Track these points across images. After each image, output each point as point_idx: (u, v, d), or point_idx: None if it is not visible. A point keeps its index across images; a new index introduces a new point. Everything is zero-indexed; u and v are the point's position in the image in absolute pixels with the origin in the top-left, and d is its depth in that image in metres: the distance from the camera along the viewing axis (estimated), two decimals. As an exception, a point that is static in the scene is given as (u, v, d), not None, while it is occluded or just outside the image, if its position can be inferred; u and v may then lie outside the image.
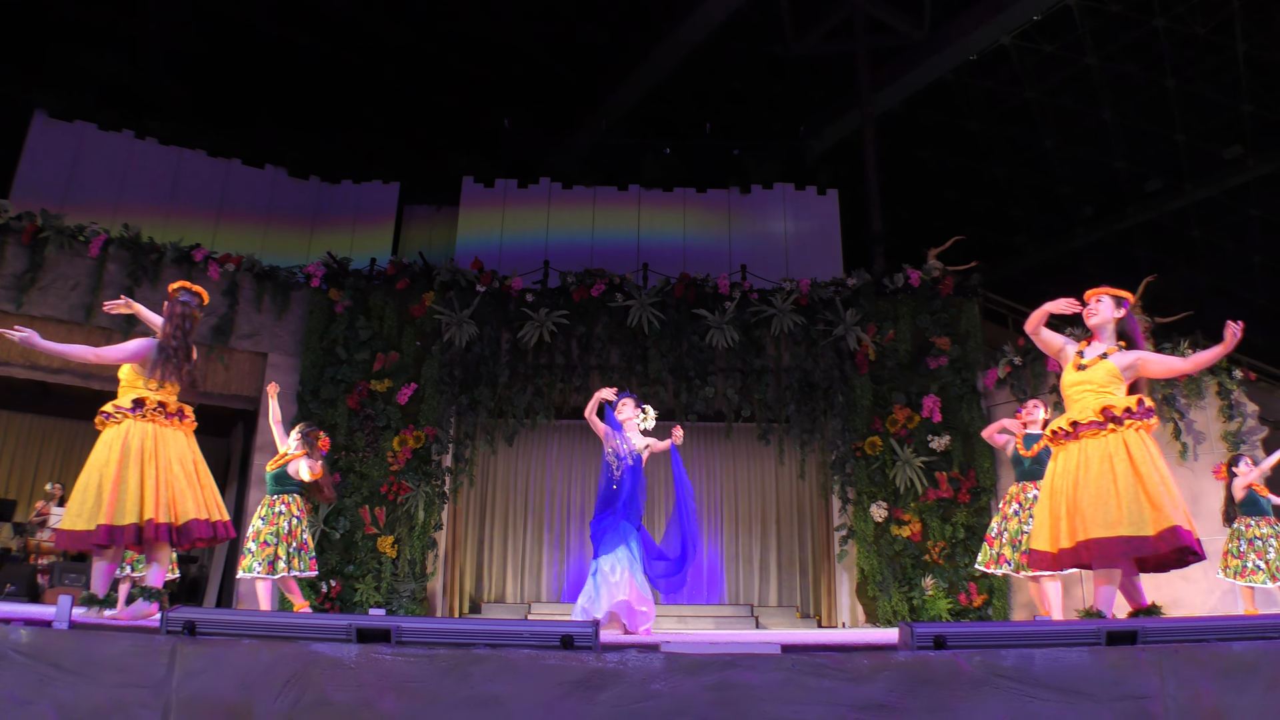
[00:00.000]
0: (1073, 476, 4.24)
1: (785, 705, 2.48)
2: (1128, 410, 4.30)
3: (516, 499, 11.46)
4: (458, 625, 2.72)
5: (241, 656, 2.59)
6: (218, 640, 2.66)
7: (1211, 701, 2.68)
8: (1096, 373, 4.44)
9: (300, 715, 2.52)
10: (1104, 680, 2.64)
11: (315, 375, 10.39)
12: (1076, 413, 4.38)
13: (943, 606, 9.53)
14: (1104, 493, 4.11)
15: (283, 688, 2.54)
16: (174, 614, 2.76)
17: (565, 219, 13.27)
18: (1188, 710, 2.66)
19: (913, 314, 10.73)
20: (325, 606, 9.50)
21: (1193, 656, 2.72)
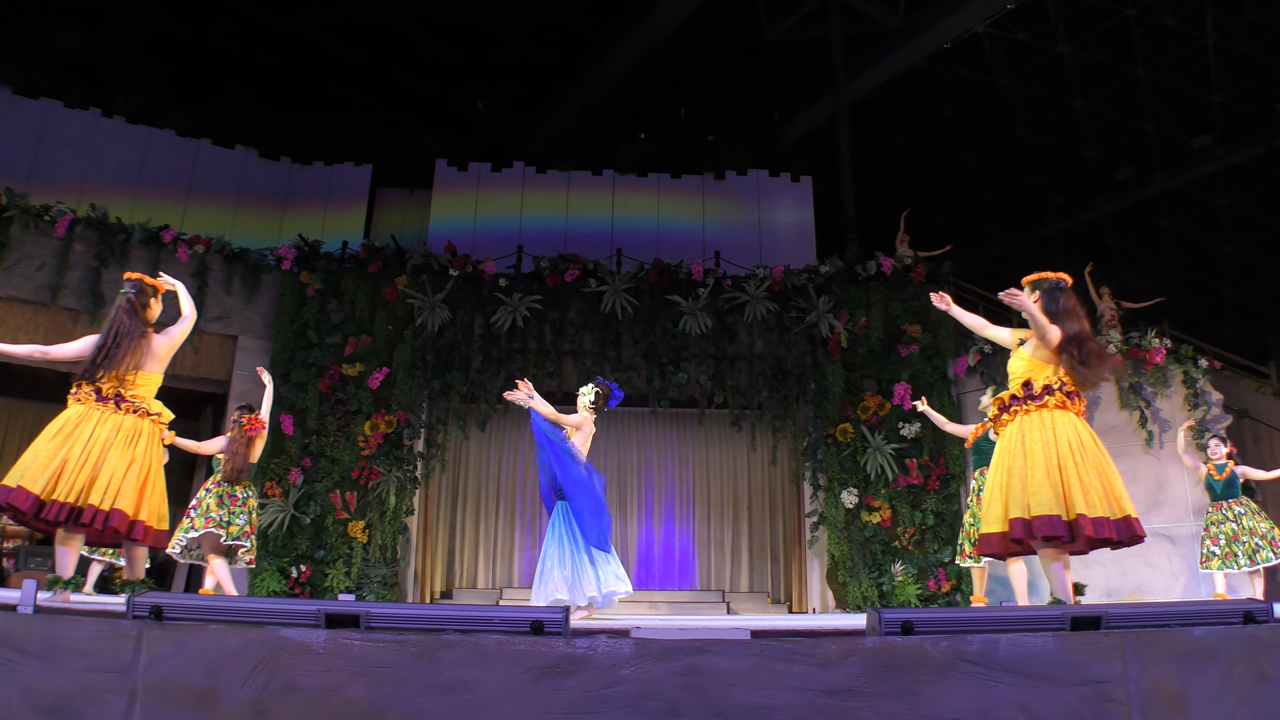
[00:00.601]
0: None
1: (754, 691, 2.49)
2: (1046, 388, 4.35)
3: (488, 484, 11.44)
4: (427, 611, 2.72)
5: (209, 642, 2.58)
6: (185, 625, 2.64)
7: (1172, 685, 2.73)
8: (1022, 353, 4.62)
9: (268, 701, 2.51)
10: (1067, 665, 2.68)
11: (286, 359, 10.31)
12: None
13: (912, 592, 9.62)
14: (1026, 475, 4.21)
15: (250, 673, 2.53)
16: (140, 599, 2.73)
17: (539, 203, 13.22)
18: (1149, 694, 2.70)
19: (885, 301, 10.79)
20: (295, 592, 9.46)
21: (1154, 641, 2.76)
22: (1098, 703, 2.65)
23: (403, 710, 2.46)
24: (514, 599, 10.37)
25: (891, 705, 2.54)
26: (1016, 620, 2.83)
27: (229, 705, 2.51)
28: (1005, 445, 4.38)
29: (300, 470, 9.90)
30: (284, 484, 9.79)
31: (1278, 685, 2.78)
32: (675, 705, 2.46)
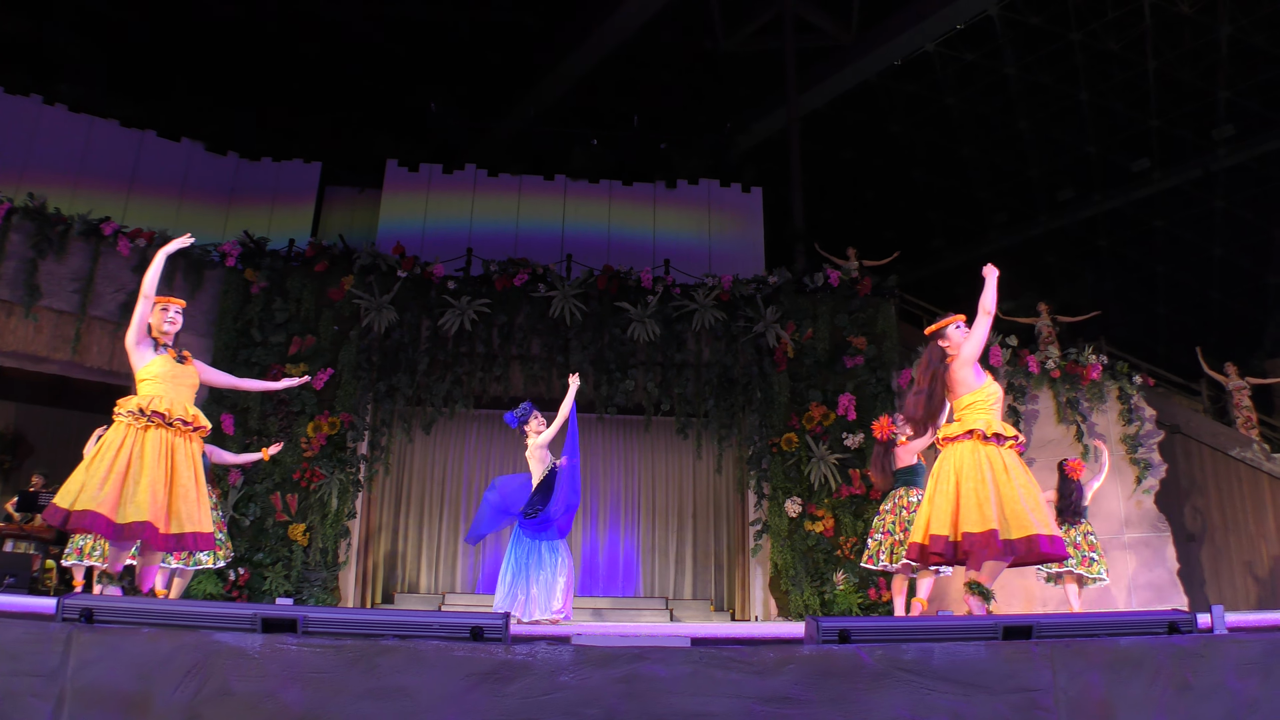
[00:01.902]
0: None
1: (692, 698, 2.51)
2: None
3: (433, 488, 11.34)
4: (366, 616, 2.70)
5: (140, 646, 2.53)
6: (116, 629, 2.60)
7: (1099, 693, 2.80)
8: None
9: (201, 706, 2.47)
10: (999, 673, 2.73)
11: (228, 357, 10.13)
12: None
13: (853, 601, 9.72)
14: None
15: (183, 678, 2.49)
16: (70, 601, 2.68)
17: (490, 207, 13.16)
18: (1077, 702, 2.77)
19: (831, 313, 10.90)
20: (233, 595, 9.29)
21: (1083, 651, 2.84)
22: (1027, 710, 2.71)
23: (338, 716, 2.44)
24: (457, 604, 10.29)
25: (828, 713, 2.57)
26: (951, 630, 2.89)
27: (160, 710, 2.47)
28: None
29: (240, 471, 9.74)
30: (223, 485, 9.62)
31: (1200, 694, 2.87)
32: (614, 712, 2.47)
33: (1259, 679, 2.91)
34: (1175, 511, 10.26)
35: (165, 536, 4.39)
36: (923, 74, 18.42)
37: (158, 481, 4.39)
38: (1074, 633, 2.97)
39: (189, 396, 4.73)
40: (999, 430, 4.55)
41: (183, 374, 4.76)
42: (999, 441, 4.53)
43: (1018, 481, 4.43)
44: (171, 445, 4.52)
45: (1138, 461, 9.71)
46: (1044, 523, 4.33)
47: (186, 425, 4.59)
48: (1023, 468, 4.54)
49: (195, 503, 4.53)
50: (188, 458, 4.57)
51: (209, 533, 4.59)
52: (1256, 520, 10.82)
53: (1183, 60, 17.20)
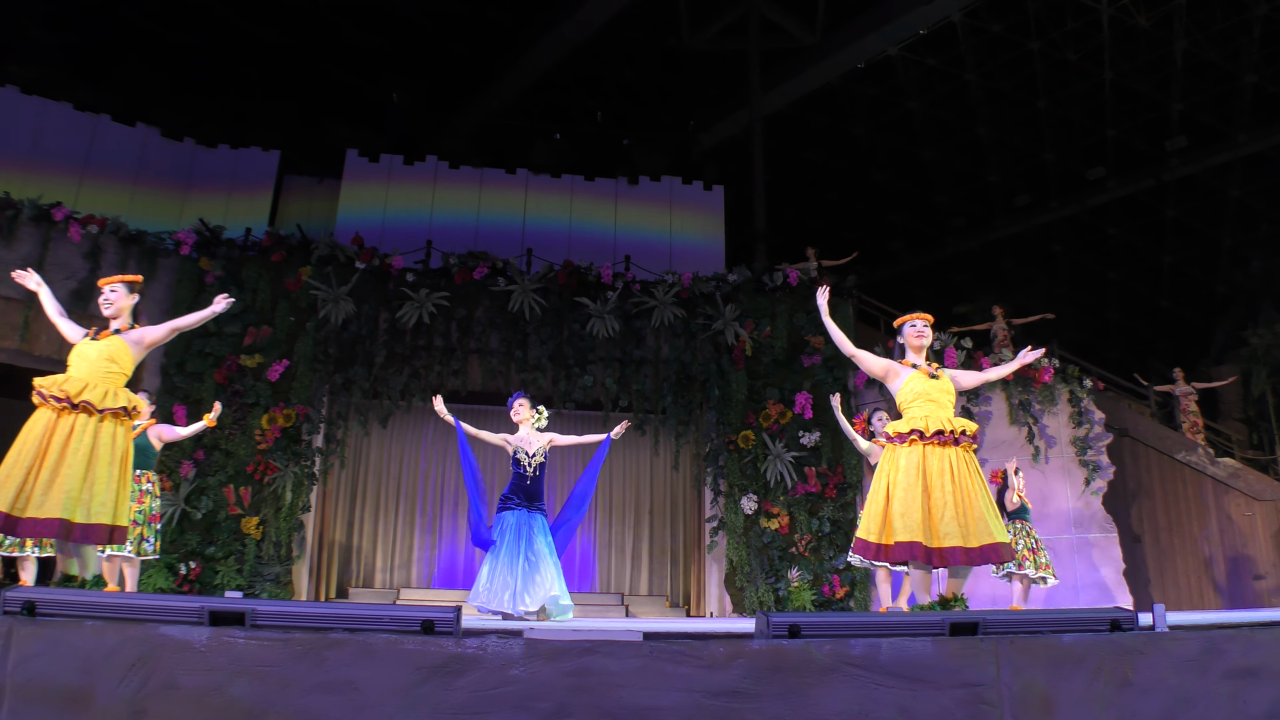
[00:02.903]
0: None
1: (642, 691, 2.52)
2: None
3: (389, 482, 11.26)
4: (315, 609, 2.68)
5: (84, 639, 2.50)
6: (59, 621, 2.56)
7: (1042, 689, 2.85)
8: (947, 383, 4.84)
9: (146, 700, 2.44)
10: (945, 669, 2.78)
11: (181, 348, 9.98)
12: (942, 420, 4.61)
13: (807, 598, 9.81)
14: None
15: (128, 671, 2.46)
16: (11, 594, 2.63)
17: (451, 199, 13.08)
18: (1020, 697, 2.82)
19: (789, 312, 10.98)
20: (184, 589, 9.16)
21: (1027, 647, 2.89)
22: (972, 705, 2.76)
23: (286, 710, 2.42)
24: (412, 599, 10.23)
25: (776, 706, 2.60)
26: (898, 625, 2.92)
27: (104, 705, 2.43)
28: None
29: (193, 463, 9.61)
30: (175, 477, 9.49)
31: (1140, 689, 2.94)
32: (564, 706, 2.47)
33: (1196, 675, 2.98)
34: (1122, 513, 10.45)
35: (19, 521, 4.04)
36: (885, 78, 18.58)
37: (18, 464, 4.09)
38: (1019, 629, 3.02)
39: (108, 379, 4.39)
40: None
41: (100, 352, 4.45)
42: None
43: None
44: (70, 427, 4.21)
45: (1086, 463, 9.88)
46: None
47: (91, 408, 4.26)
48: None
49: (84, 488, 4.17)
50: (88, 438, 4.23)
51: (97, 525, 4.17)
52: (1200, 522, 11.06)
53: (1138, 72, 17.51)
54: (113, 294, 4.66)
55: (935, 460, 4.50)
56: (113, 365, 4.45)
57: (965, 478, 4.50)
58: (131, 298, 4.71)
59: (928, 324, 4.98)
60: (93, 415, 4.28)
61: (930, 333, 4.98)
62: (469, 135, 16.93)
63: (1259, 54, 16.65)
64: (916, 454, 4.53)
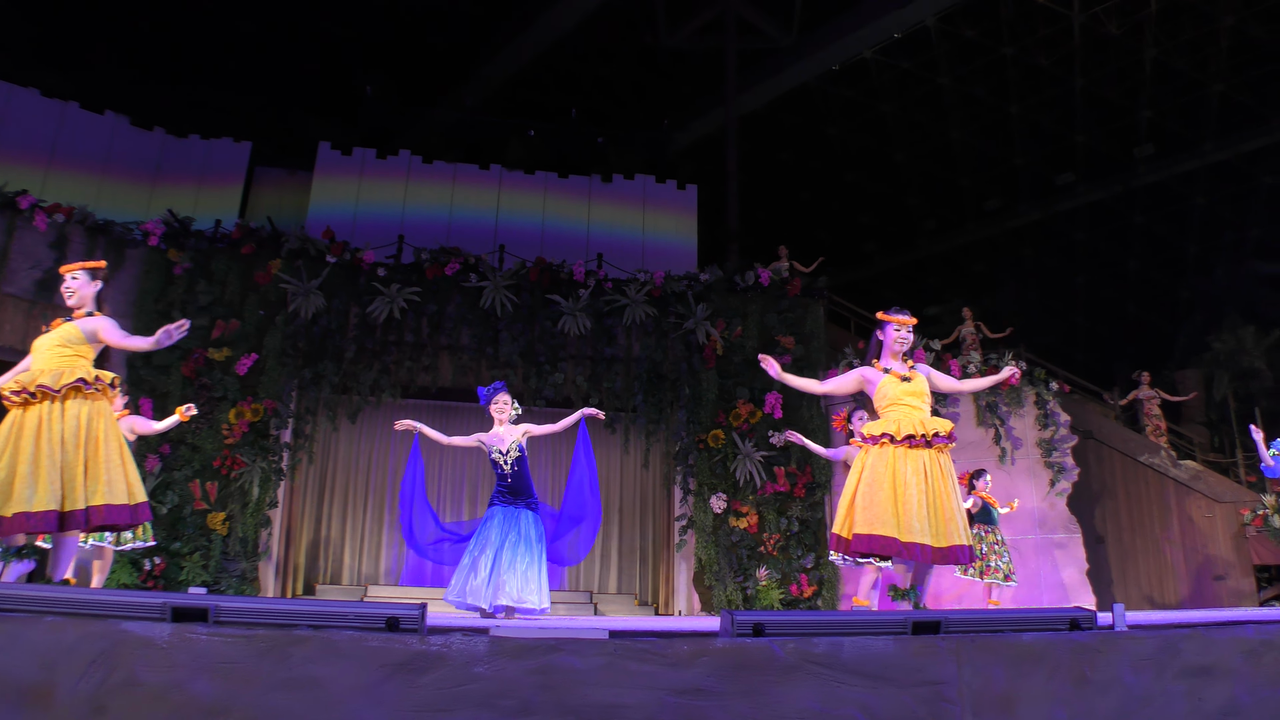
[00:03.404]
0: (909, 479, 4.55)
1: (606, 689, 2.53)
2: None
3: (358, 478, 11.20)
4: (279, 605, 2.67)
5: (43, 635, 2.47)
6: (17, 617, 2.52)
7: (1002, 687, 2.89)
8: (920, 384, 4.77)
9: (106, 697, 2.42)
10: (907, 667, 2.81)
11: (148, 340, 9.86)
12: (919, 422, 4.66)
13: (775, 596, 9.86)
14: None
15: (88, 668, 2.43)
16: (-31, 586, 2.60)
17: (424, 194, 13.01)
18: (980, 695, 2.86)
19: (761, 312, 11.02)
20: (148, 585, 9.06)
21: (987, 646, 2.93)
22: (933, 703, 2.79)
23: (248, 707, 2.41)
24: (380, 596, 10.18)
25: (739, 704, 2.61)
26: (861, 624, 2.95)
27: (63, 702, 2.41)
28: None
29: (158, 457, 9.51)
30: (140, 471, 9.37)
31: (1097, 688, 2.98)
32: (528, 704, 2.48)
33: (1153, 674, 3.03)
34: (1086, 514, 10.59)
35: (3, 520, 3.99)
36: (860, 80, 18.70)
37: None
38: (980, 628, 3.06)
39: (61, 360, 4.32)
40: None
41: (53, 340, 4.39)
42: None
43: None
44: (39, 417, 4.15)
45: (1052, 465, 10.00)
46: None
47: (48, 390, 4.19)
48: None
49: (80, 472, 4.15)
50: (57, 423, 4.17)
51: (112, 505, 4.18)
52: (1162, 524, 11.23)
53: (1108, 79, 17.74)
54: (74, 281, 4.59)
55: (907, 462, 4.56)
56: (65, 350, 4.39)
57: (937, 479, 4.56)
58: (94, 285, 4.63)
59: (911, 330, 4.99)
60: (55, 400, 4.21)
61: (912, 337, 5.00)
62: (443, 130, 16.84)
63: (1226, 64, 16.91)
64: (888, 454, 4.60)
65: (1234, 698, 3.06)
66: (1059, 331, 21.08)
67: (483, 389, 6.78)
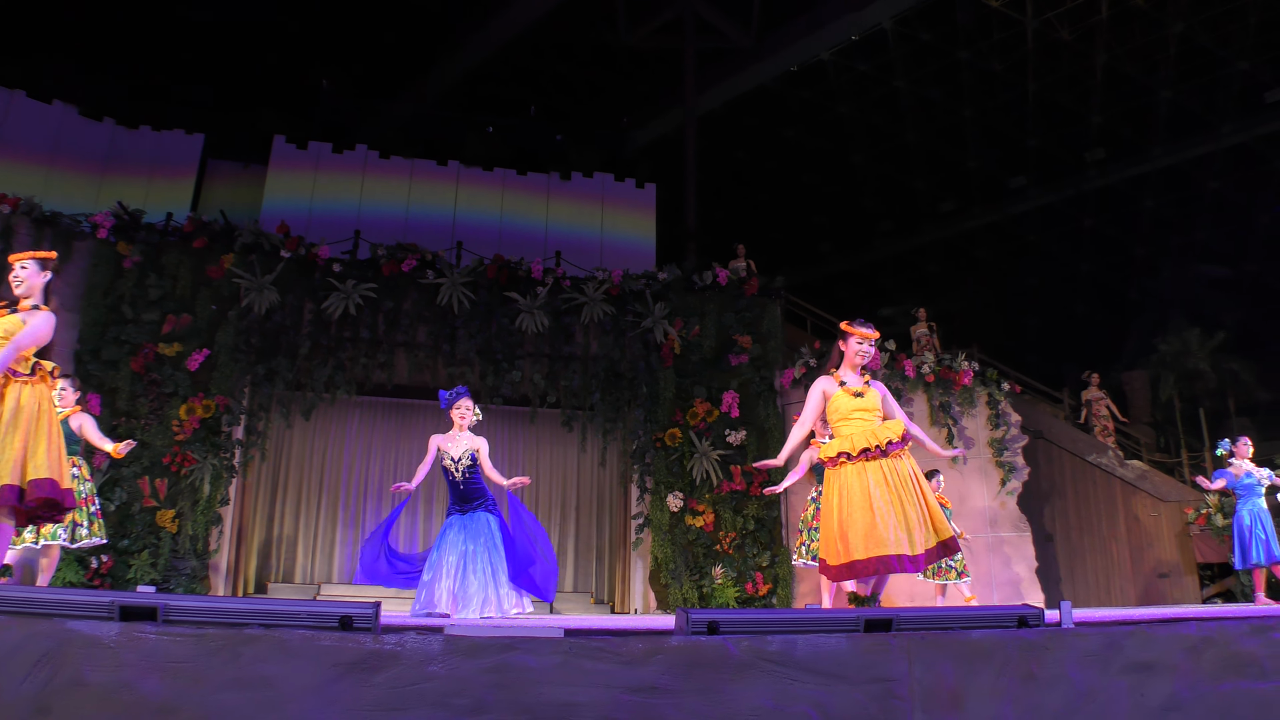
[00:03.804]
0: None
1: (561, 687, 2.54)
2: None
3: (311, 476, 11.08)
4: (230, 604, 2.64)
5: (-14, 633, 2.42)
6: (-41, 615, 2.47)
7: (951, 683, 2.94)
8: (872, 399, 4.85)
9: (51, 697, 2.38)
10: (858, 664, 2.84)
11: (96, 334, 9.69)
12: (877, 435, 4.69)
13: (730, 595, 9.91)
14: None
15: (32, 668, 2.39)
16: (-91, 586, 2.54)
17: (380, 190, 12.90)
18: (930, 691, 2.90)
19: (719, 311, 11.07)
20: (95, 583, 8.89)
21: (937, 643, 2.97)
22: (884, 699, 2.83)
23: (198, 707, 2.38)
24: (333, 594, 10.09)
25: (693, 702, 2.63)
26: (815, 622, 2.98)
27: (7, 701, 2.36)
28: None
29: (106, 454, 9.31)
30: (89, 466, 9.19)
31: (1044, 684, 3.04)
32: (482, 702, 2.48)
33: (1097, 670, 3.10)
34: (1036, 512, 10.78)
35: None
36: (818, 82, 18.83)
37: None
38: (930, 626, 3.10)
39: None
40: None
41: None
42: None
43: None
44: None
45: (1003, 464, 10.16)
46: None
47: None
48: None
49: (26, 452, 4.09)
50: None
51: (49, 479, 4.10)
52: (1109, 522, 11.46)
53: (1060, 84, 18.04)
54: (23, 270, 4.48)
55: (868, 474, 4.62)
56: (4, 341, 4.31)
57: (900, 485, 4.61)
58: (44, 275, 4.52)
59: (873, 344, 5.01)
60: None
61: (874, 351, 5.03)
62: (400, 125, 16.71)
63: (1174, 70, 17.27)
64: (851, 473, 4.66)
65: (1175, 693, 3.14)
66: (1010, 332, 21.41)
67: (445, 392, 6.59)
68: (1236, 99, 17.56)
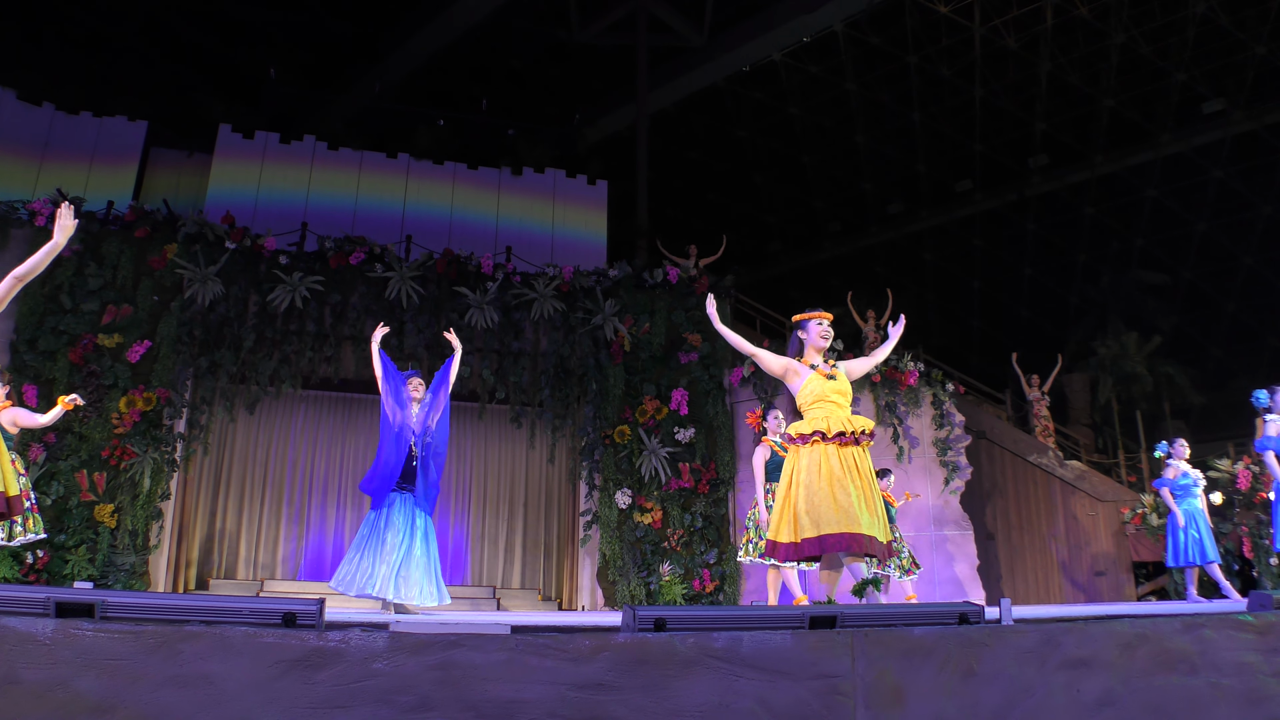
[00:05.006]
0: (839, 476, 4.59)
1: (507, 684, 2.53)
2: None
3: (255, 470, 10.91)
4: (170, 600, 2.60)
5: (-84, 630, 2.36)
6: (-114, 612, 2.41)
7: (893, 679, 2.98)
8: (844, 383, 4.87)
9: (-17, 695, 2.32)
10: (803, 661, 2.87)
11: (33, 324, 9.44)
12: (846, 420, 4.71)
13: (678, 592, 9.95)
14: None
15: (-37, 665, 2.33)
16: None
17: (328, 181, 12.73)
18: (873, 687, 2.94)
19: (668, 309, 11.10)
20: (30, 579, 8.67)
21: (881, 640, 3.01)
22: (827, 695, 2.86)
23: (135, 704, 2.34)
24: (276, 591, 9.95)
25: (639, 699, 2.64)
26: (760, 619, 3.01)
27: (-64, 699, 2.30)
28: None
29: (43, 447, 9.10)
30: (24, 461, 8.96)
31: (983, 679, 3.09)
32: (427, 699, 2.46)
33: (1035, 666, 3.16)
34: (978, 511, 10.96)
35: None
36: (769, 82, 18.96)
37: None
38: (874, 622, 3.14)
39: None
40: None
41: None
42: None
43: None
44: None
45: (946, 464, 10.32)
46: None
47: None
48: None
49: None
50: None
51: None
52: (1048, 521, 11.69)
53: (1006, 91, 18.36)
54: None
55: (839, 459, 4.63)
56: None
57: (869, 477, 4.66)
58: None
59: (830, 324, 5.05)
60: None
61: (832, 332, 5.05)
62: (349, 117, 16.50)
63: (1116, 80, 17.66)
64: (819, 453, 4.64)
65: (1109, 689, 3.21)
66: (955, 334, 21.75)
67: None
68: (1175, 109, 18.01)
